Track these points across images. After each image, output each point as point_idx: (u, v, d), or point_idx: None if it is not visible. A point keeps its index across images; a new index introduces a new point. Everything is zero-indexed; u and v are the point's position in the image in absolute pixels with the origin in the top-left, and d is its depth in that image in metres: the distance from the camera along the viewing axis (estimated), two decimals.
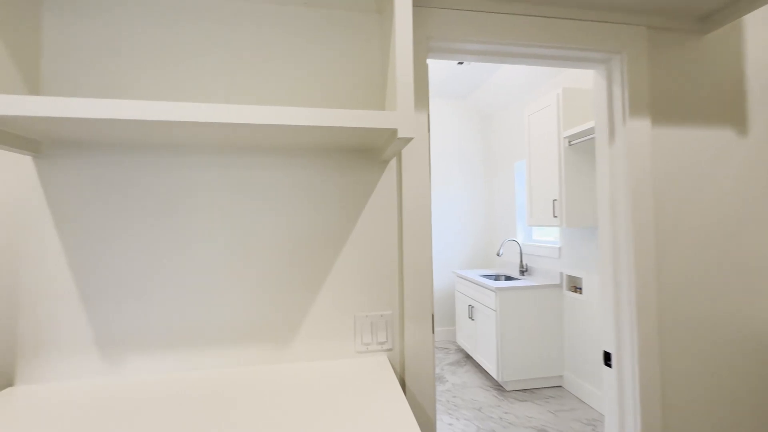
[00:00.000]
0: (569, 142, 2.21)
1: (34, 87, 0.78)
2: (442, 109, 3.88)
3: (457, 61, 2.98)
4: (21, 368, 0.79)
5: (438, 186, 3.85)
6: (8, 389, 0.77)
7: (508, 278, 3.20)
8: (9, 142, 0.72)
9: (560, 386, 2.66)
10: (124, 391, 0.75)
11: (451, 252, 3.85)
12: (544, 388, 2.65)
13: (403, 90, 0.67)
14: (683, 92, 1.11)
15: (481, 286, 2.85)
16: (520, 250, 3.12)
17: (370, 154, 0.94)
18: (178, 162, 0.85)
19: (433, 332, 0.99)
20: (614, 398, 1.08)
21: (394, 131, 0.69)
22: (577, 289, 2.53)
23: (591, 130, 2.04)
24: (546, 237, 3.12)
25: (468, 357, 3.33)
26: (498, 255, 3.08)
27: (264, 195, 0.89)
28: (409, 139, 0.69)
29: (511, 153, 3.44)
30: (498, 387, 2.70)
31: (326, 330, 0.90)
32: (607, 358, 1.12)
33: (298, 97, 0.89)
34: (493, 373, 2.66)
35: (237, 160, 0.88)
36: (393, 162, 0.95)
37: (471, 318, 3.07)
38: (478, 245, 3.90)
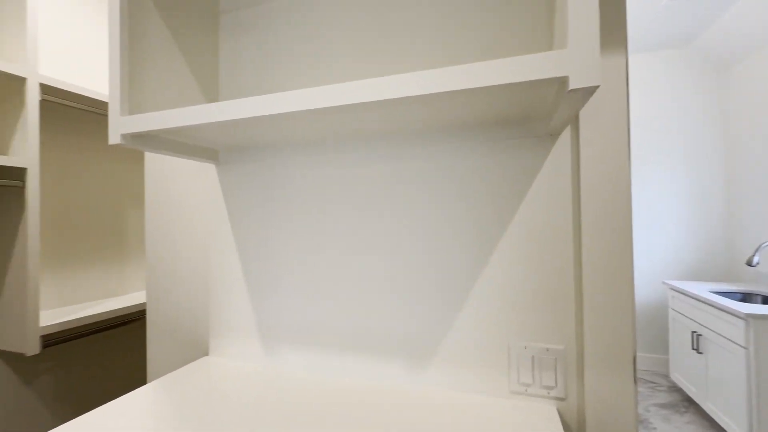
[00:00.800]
0: None
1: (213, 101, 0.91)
2: (645, 66, 2.95)
3: None
4: (212, 343, 0.94)
5: (639, 167, 2.96)
6: (204, 358, 0.93)
7: None
8: (196, 153, 0.85)
9: None
10: (273, 378, 0.79)
11: (662, 256, 2.90)
12: None
13: (578, 12, 0.42)
14: None
15: (718, 308, 1.99)
16: None
17: (530, 124, 0.69)
18: (325, 159, 0.84)
19: (635, 382, 0.66)
20: None
21: (562, 81, 0.44)
22: None
23: None
24: None
25: (689, 401, 2.43)
26: (751, 265, 2.09)
27: (406, 189, 0.78)
28: (588, 92, 0.43)
29: None
30: None
31: (470, 356, 0.72)
32: None
33: (436, 55, 0.74)
34: None
35: (378, 153, 0.80)
36: (565, 135, 0.67)
37: (696, 349, 2.21)
38: (709, 249, 2.79)
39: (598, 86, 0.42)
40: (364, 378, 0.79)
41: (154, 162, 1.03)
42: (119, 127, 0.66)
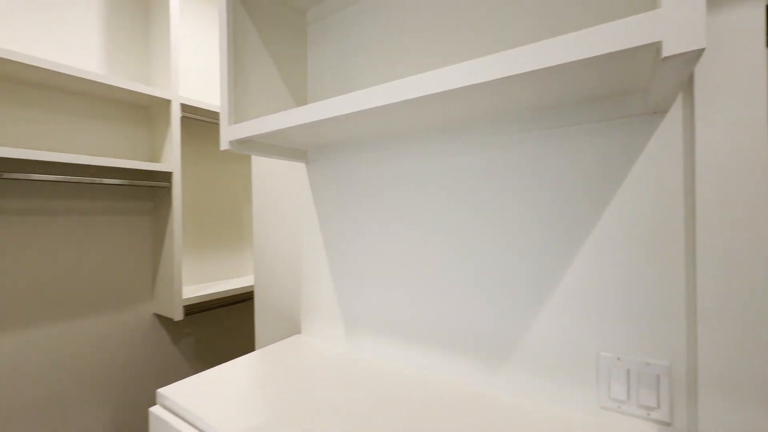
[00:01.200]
0: None
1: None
2: None
3: None
4: (303, 323, 1.06)
5: None
6: (297, 336, 1.05)
7: None
8: (289, 154, 0.96)
9: None
10: (351, 362, 0.85)
11: None
12: None
13: None
14: None
15: None
16: None
17: (626, 101, 0.60)
18: (399, 153, 0.86)
19: None
20: None
21: (655, 48, 0.38)
22: None
23: None
24: None
25: None
26: None
27: (482, 181, 0.75)
28: (690, 58, 0.36)
29: None
30: None
31: (552, 363, 0.66)
32: None
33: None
34: None
35: (451, 146, 0.79)
36: (676, 113, 0.56)
37: None
38: None
39: (702, 50, 0.34)
40: (436, 372, 0.80)
41: (258, 163, 1.19)
42: (227, 134, 0.79)
